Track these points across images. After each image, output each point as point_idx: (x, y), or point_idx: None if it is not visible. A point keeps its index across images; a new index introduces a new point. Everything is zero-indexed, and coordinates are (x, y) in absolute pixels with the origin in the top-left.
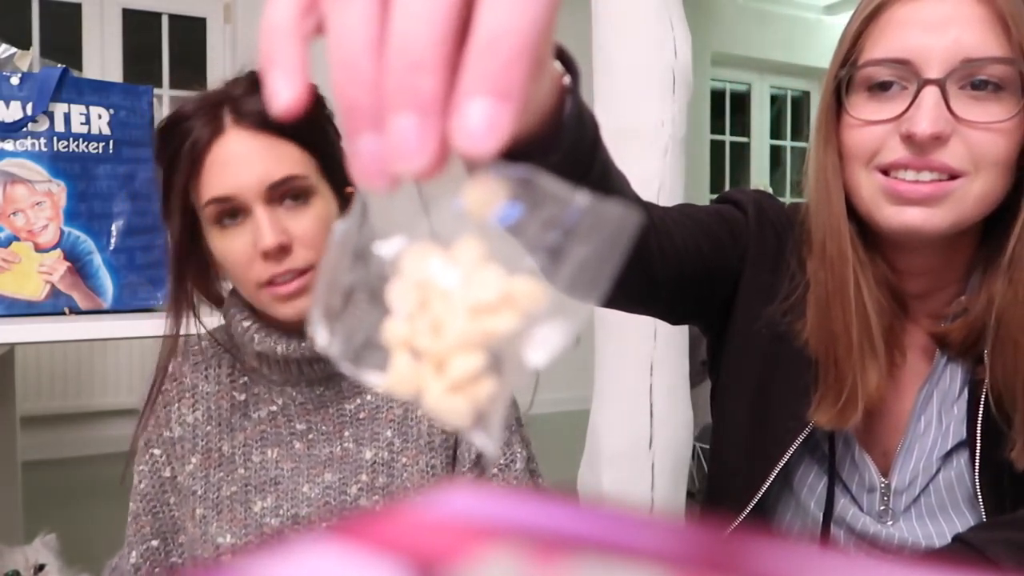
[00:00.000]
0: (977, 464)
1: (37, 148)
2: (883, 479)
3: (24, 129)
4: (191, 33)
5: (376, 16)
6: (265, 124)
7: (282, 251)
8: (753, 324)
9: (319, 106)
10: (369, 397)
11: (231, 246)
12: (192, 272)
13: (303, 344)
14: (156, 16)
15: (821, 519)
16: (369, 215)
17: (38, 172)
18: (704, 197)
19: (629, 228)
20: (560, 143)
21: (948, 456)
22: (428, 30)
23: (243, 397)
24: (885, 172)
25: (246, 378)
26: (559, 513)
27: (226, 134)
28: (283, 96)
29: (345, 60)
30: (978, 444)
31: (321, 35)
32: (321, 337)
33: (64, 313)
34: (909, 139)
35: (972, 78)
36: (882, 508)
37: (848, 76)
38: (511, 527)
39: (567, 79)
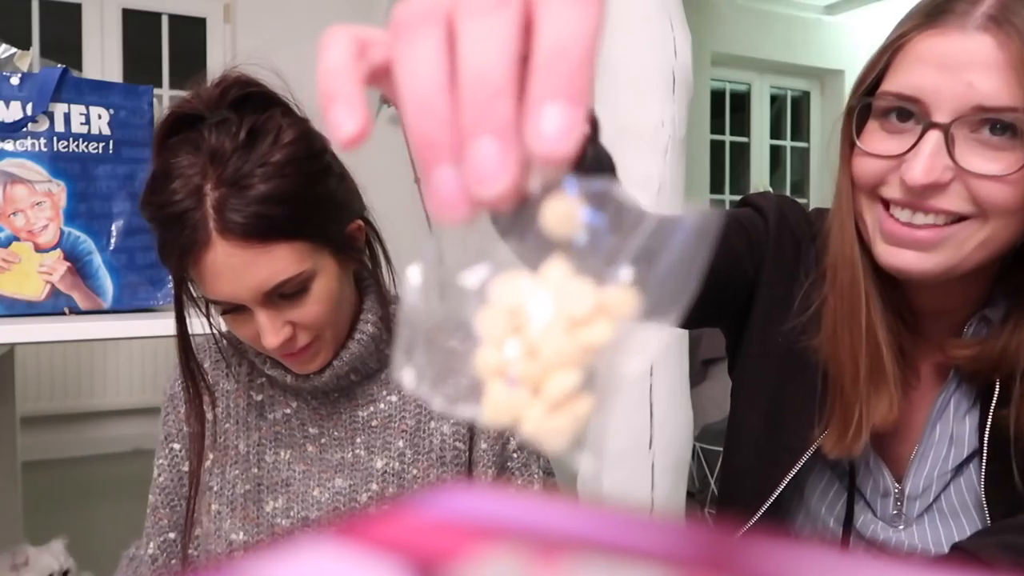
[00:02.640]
0: (983, 475)
1: (37, 148)
2: (897, 484)
3: (24, 129)
4: (191, 33)
5: (443, 51)
6: (250, 233)
7: (287, 342)
8: (769, 330)
9: (307, 159)
10: (383, 406)
11: (237, 329)
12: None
13: (311, 375)
14: (156, 16)
15: (833, 523)
16: (444, 253)
17: (38, 172)
18: (704, 197)
19: (710, 229)
20: None
21: (962, 466)
22: (499, 58)
23: (260, 397)
24: (886, 205)
25: (264, 379)
26: (559, 513)
27: (212, 247)
28: (347, 128)
29: (419, 99)
30: (984, 454)
31: (372, 84)
32: (408, 381)
33: (64, 313)
34: (903, 184)
35: (984, 125)
36: (895, 513)
37: (863, 105)
38: (511, 527)
39: (587, 128)
